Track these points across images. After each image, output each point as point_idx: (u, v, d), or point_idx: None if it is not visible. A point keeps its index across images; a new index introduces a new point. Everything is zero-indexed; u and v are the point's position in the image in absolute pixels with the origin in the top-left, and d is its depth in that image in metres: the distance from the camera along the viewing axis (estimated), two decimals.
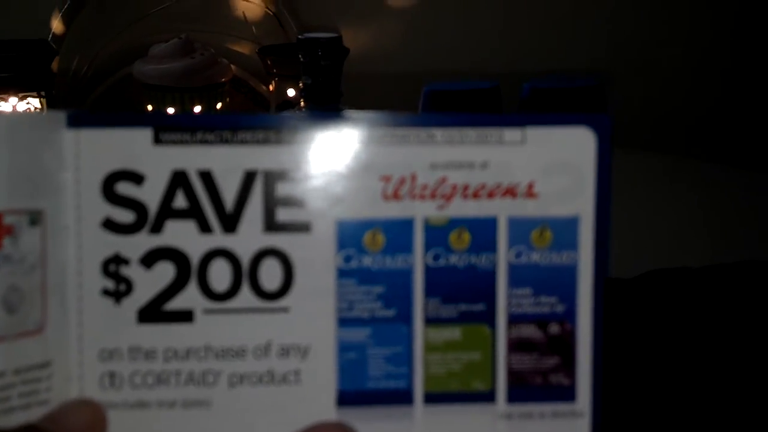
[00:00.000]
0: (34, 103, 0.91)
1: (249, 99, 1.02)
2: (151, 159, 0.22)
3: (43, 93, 0.89)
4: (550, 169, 0.23)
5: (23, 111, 0.20)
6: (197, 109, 0.93)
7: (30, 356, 0.22)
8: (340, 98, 0.71)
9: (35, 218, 0.22)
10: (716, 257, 0.59)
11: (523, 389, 0.23)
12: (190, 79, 0.92)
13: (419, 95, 0.69)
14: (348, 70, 0.74)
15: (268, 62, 0.93)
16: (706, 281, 0.62)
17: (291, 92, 0.98)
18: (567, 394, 0.23)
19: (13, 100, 0.88)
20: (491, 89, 0.69)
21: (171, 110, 0.92)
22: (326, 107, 0.68)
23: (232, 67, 0.97)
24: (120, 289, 0.23)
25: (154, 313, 0.23)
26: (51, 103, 0.91)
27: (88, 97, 0.96)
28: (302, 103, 0.73)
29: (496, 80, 0.70)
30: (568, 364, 0.23)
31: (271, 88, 1.07)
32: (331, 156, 0.23)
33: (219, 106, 0.95)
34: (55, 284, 0.22)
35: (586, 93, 0.68)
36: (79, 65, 1.00)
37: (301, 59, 0.72)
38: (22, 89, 0.87)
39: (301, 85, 0.73)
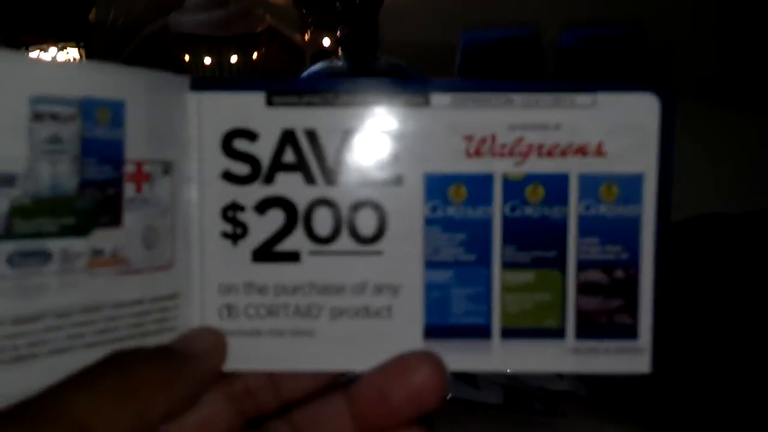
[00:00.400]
0: (73, 53, 0.93)
1: (284, 49, 1.02)
2: (264, 119, 0.25)
3: (81, 43, 0.90)
4: (618, 131, 0.25)
5: (153, 72, 0.23)
6: (233, 59, 0.93)
7: (162, 288, 0.25)
8: (377, 48, 0.69)
9: (167, 168, 0.25)
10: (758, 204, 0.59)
11: (589, 327, 0.26)
12: (225, 29, 0.92)
13: (456, 42, 0.68)
14: (383, 18, 0.73)
15: (303, 11, 0.93)
16: (750, 226, 0.61)
17: (326, 41, 0.97)
18: (630, 332, 0.26)
19: (52, 50, 0.89)
20: (531, 36, 0.67)
21: (207, 60, 0.93)
22: (364, 57, 0.67)
23: (267, 16, 0.97)
24: (237, 232, 0.26)
25: (266, 253, 0.26)
26: (89, 53, 0.91)
27: (125, 47, 0.97)
28: (339, 53, 0.72)
29: (535, 27, 0.69)
30: (631, 306, 0.26)
31: (306, 37, 1.06)
32: (421, 117, 0.25)
33: (255, 56, 0.95)
34: (182, 227, 0.25)
35: (625, 40, 0.67)
36: (116, 16, 1.00)
37: (337, 7, 0.71)
38: (61, 39, 0.88)
39: (338, 34, 0.72)
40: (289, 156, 0.26)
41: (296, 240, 0.26)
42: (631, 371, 0.26)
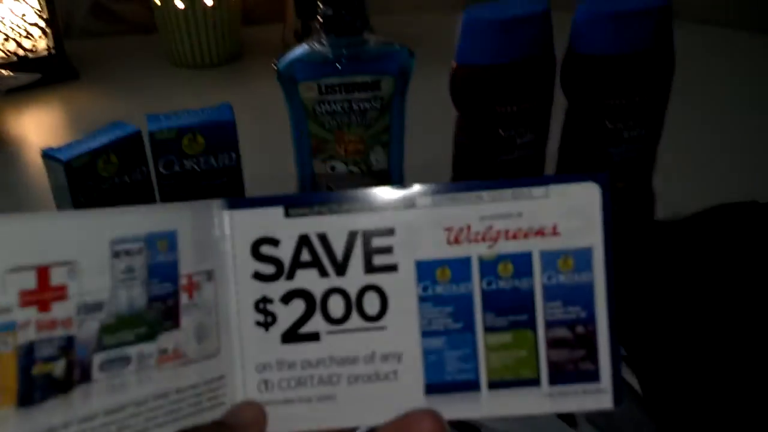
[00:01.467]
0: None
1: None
2: (284, 227, 0.32)
3: None
4: (568, 214, 0.31)
5: (194, 202, 0.32)
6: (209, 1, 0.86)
7: (212, 372, 0.31)
8: (364, 28, 0.63)
9: (210, 275, 0.31)
10: None
11: (560, 375, 0.31)
12: None
13: (456, 19, 0.62)
14: None
15: None
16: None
17: (309, 23, 0.92)
18: (593, 376, 0.31)
19: None
20: (541, 15, 0.62)
21: (180, 4, 0.87)
22: (349, 38, 0.62)
23: None
24: (267, 321, 0.32)
25: (292, 335, 0.32)
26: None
27: None
28: (322, 35, 0.66)
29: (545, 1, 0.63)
30: (593, 355, 0.31)
31: (289, 18, 1.01)
32: (409, 216, 0.31)
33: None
34: (224, 321, 0.31)
35: (653, 17, 0.61)
36: None
37: None
38: None
39: (319, 15, 0.65)
40: (305, 255, 0.31)
41: (316, 323, 0.31)
42: (596, 408, 0.32)
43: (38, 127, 1.01)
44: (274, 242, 0.31)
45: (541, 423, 0.48)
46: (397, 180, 0.68)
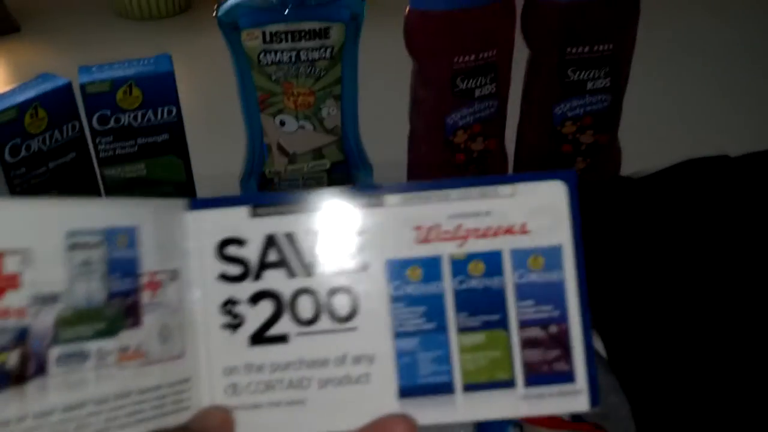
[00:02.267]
0: None
1: None
2: (250, 227, 0.31)
3: None
4: (536, 212, 0.31)
5: (156, 200, 0.31)
6: None
7: (176, 374, 0.30)
8: None
9: (174, 275, 0.30)
10: None
11: (535, 376, 0.31)
12: None
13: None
14: None
15: None
16: (744, 170, 0.57)
17: None
18: (568, 377, 0.31)
19: None
20: (496, 5, 0.58)
21: None
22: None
23: None
24: (235, 323, 0.31)
25: (260, 338, 0.31)
26: None
27: None
28: None
29: None
30: (567, 355, 0.31)
31: None
32: (378, 215, 0.31)
33: None
34: (189, 322, 0.31)
35: None
36: None
37: None
38: None
39: None
40: (273, 256, 0.31)
41: (284, 324, 0.31)
42: (573, 410, 0.31)
43: None
44: (240, 242, 0.31)
45: None
46: (353, 137, 0.65)
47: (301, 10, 0.57)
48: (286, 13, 0.57)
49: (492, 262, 0.31)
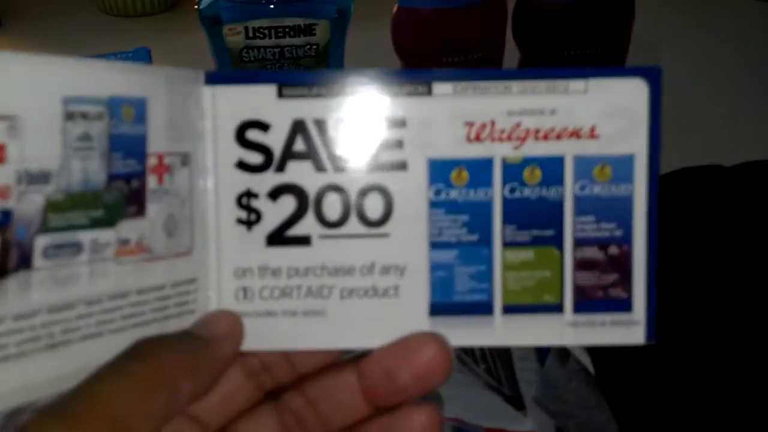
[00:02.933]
0: None
1: None
2: (275, 110, 0.27)
3: None
4: (609, 115, 0.27)
5: (170, 68, 0.25)
6: None
7: (182, 273, 0.26)
8: None
9: (185, 159, 0.26)
10: None
11: (586, 302, 0.28)
12: None
13: None
14: None
15: None
16: (738, 179, 0.57)
17: None
18: (625, 305, 0.28)
19: None
20: (487, 5, 0.57)
21: None
22: None
23: None
24: (251, 219, 0.27)
25: (279, 238, 0.27)
26: None
27: None
28: None
29: None
30: (626, 281, 0.28)
31: None
32: (424, 106, 0.27)
33: None
34: (199, 215, 0.27)
35: None
36: None
37: None
38: None
39: None
40: (299, 145, 0.27)
41: (307, 225, 0.27)
42: (626, 342, 0.28)
43: None
44: (263, 127, 0.27)
45: (486, 405, 0.46)
46: None
47: (285, 5, 0.56)
48: (270, 8, 0.56)
49: (551, 168, 0.27)
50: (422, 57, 0.59)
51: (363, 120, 0.27)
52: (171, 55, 0.64)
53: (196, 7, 0.57)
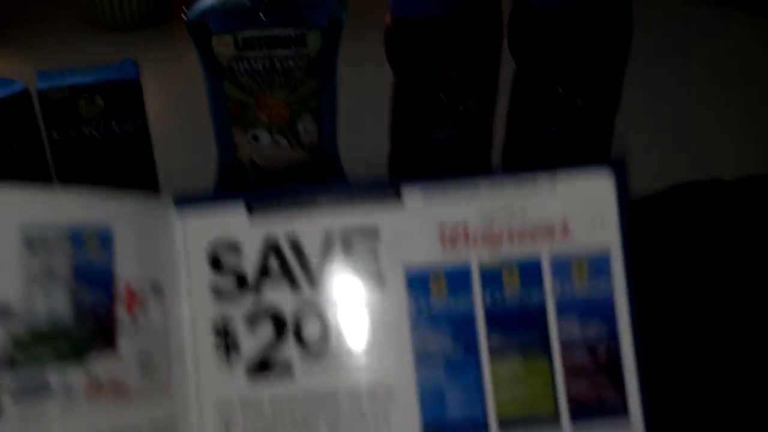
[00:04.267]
0: None
1: None
2: (246, 229, 0.27)
3: None
4: (580, 207, 0.27)
5: (136, 193, 0.25)
6: None
7: (160, 410, 0.25)
8: None
9: (156, 287, 0.26)
10: None
11: (582, 410, 0.27)
12: None
13: None
14: None
15: None
16: (738, 194, 0.57)
17: None
18: (620, 408, 0.27)
19: None
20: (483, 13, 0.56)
21: None
22: None
23: None
24: (229, 346, 0.26)
25: (259, 366, 0.27)
26: None
27: None
28: None
29: None
30: (618, 380, 0.27)
31: None
32: (397, 213, 0.27)
33: None
34: (176, 347, 0.26)
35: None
36: None
37: None
38: None
39: None
40: (273, 263, 0.27)
41: (287, 350, 0.26)
42: None
43: None
44: (235, 248, 0.27)
45: None
46: (331, 155, 0.62)
47: (276, 15, 0.55)
48: (260, 18, 0.54)
49: (529, 271, 0.27)
50: (413, 67, 0.58)
51: (335, 233, 0.27)
52: (160, 69, 0.63)
53: (184, 16, 0.55)
